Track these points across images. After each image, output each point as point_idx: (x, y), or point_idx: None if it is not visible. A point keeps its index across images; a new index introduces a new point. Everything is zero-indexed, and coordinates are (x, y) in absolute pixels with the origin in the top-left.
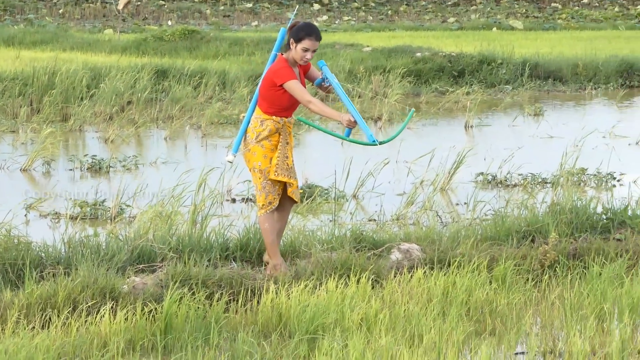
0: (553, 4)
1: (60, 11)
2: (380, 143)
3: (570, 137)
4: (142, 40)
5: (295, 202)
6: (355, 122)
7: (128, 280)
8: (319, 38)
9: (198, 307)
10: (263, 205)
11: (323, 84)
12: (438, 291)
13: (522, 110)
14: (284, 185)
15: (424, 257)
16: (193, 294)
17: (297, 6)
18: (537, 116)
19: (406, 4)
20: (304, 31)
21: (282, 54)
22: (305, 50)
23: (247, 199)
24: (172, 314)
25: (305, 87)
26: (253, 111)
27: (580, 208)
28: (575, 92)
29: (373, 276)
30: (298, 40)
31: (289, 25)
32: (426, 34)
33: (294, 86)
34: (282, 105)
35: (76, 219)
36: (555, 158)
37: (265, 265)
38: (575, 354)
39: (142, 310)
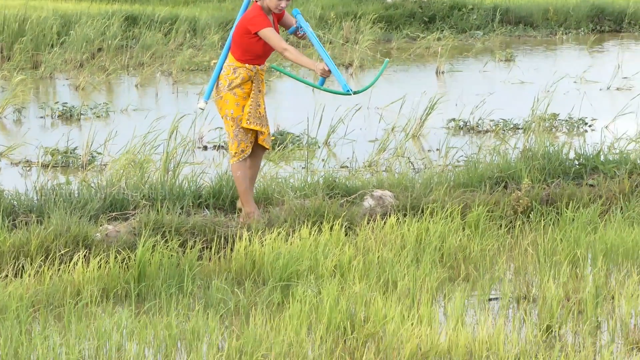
0: None
1: None
2: (355, 93)
3: (541, 82)
4: None
5: (267, 149)
6: (329, 71)
7: (101, 228)
8: None
9: (171, 255)
10: (236, 153)
11: (297, 32)
12: (411, 238)
13: (493, 56)
14: (256, 133)
15: (396, 204)
16: (166, 241)
17: None
18: (508, 62)
19: None
20: None
21: (256, 1)
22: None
23: (219, 146)
24: (145, 261)
25: (279, 34)
26: (225, 58)
27: (553, 154)
28: (546, 38)
29: (346, 223)
30: None
31: None
32: None
33: (269, 34)
34: (256, 53)
35: (48, 167)
36: (527, 104)
37: (239, 213)
38: (549, 299)
39: (115, 258)
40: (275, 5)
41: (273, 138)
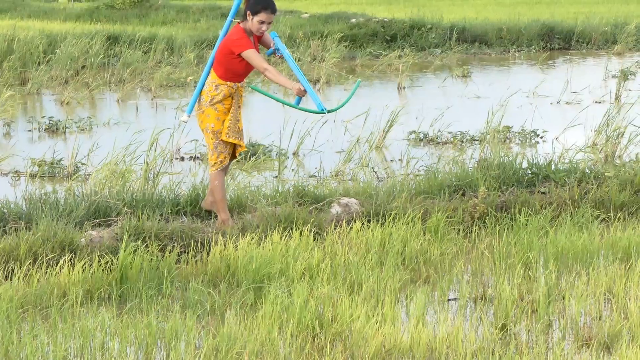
0: None
1: None
2: (329, 111)
3: (496, 96)
4: (95, 9)
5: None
6: (305, 90)
7: (85, 234)
8: (274, 11)
9: (151, 259)
10: (215, 163)
11: (274, 54)
12: (375, 242)
13: (450, 72)
14: (234, 146)
15: (362, 211)
16: (146, 246)
17: None
18: (464, 77)
19: None
20: (260, 5)
21: (239, 23)
22: (262, 22)
23: (195, 157)
24: (127, 265)
25: (259, 54)
26: (207, 75)
27: (507, 163)
28: (500, 55)
29: (315, 229)
30: (255, 13)
31: None
32: (360, 0)
33: (251, 55)
34: (238, 72)
35: (35, 177)
36: (483, 117)
37: (201, 211)
38: (504, 299)
39: (98, 262)
40: (257, 29)
41: (245, 149)
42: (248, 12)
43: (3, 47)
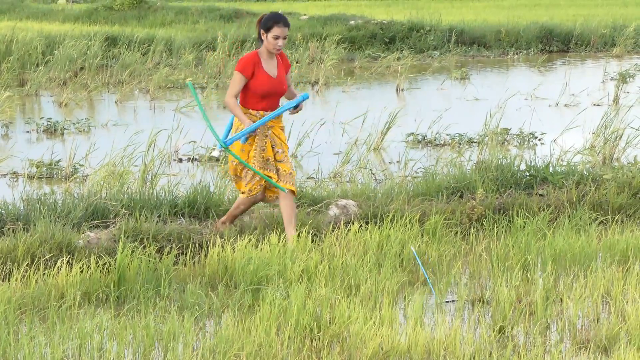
0: None
1: None
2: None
3: (494, 99)
4: (94, 10)
5: (292, 190)
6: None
7: (83, 235)
8: (287, 24)
9: (149, 260)
10: (243, 192)
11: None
12: (373, 244)
13: (449, 74)
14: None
15: (359, 213)
16: (144, 248)
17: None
18: (463, 80)
19: None
20: (272, 20)
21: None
22: (276, 37)
23: (194, 158)
24: (124, 266)
25: (283, 76)
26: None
27: (505, 166)
28: (498, 57)
29: (313, 230)
30: (268, 30)
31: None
32: (359, 3)
33: (234, 78)
34: (255, 95)
35: (33, 178)
36: (481, 119)
37: (215, 222)
38: (501, 301)
39: (96, 264)
40: (274, 45)
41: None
42: (262, 31)
43: (1, 48)
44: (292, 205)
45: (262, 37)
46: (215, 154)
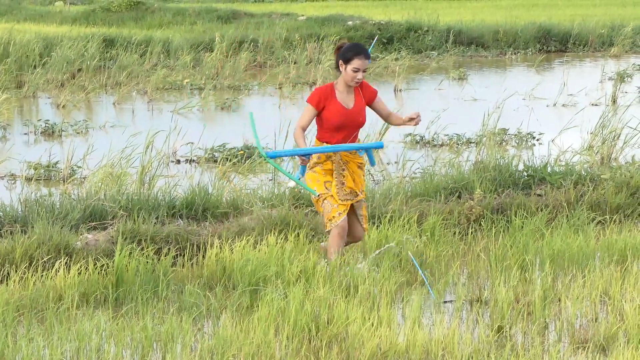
0: None
1: None
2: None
3: (492, 99)
4: (91, 12)
5: (364, 229)
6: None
7: (81, 237)
8: (368, 57)
9: (147, 262)
10: (328, 220)
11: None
12: (371, 244)
13: (447, 75)
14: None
15: None
16: (142, 249)
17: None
18: (461, 80)
19: None
20: (352, 51)
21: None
22: (356, 70)
23: (191, 160)
24: (122, 268)
25: (362, 108)
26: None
27: (503, 166)
28: (496, 57)
29: (310, 231)
30: (347, 61)
31: (337, 45)
32: (357, 3)
33: (305, 110)
34: (328, 128)
35: (31, 180)
36: (479, 119)
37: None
38: (500, 302)
39: (94, 265)
40: (352, 78)
41: (241, 152)
42: (340, 62)
43: None
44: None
45: (340, 68)
46: (292, 185)
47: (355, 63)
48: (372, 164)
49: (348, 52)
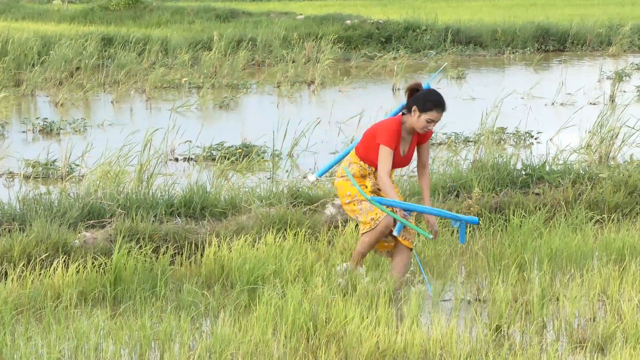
0: None
1: None
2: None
3: (490, 98)
4: (89, 10)
5: (410, 248)
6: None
7: (79, 235)
8: (445, 109)
9: (145, 260)
10: (366, 222)
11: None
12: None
13: (445, 74)
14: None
15: None
16: (140, 247)
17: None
18: (459, 79)
19: None
20: (432, 102)
21: (403, 113)
22: (430, 121)
23: (190, 158)
24: (120, 266)
25: (412, 153)
26: (349, 151)
27: (501, 164)
28: (494, 56)
29: (309, 230)
30: (424, 110)
31: (409, 85)
32: (355, 2)
33: (384, 153)
34: (375, 160)
35: (29, 178)
36: (477, 118)
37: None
38: (498, 300)
39: (92, 264)
40: (422, 127)
41: (239, 151)
42: (415, 107)
43: None
44: (407, 262)
45: (413, 113)
46: (312, 178)
47: (433, 115)
48: (462, 241)
49: (428, 102)
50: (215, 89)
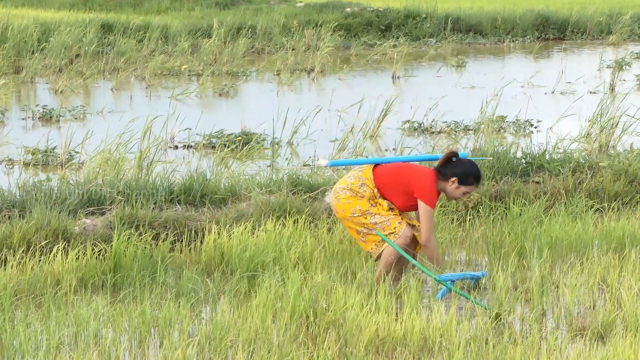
0: None
1: None
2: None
3: (490, 86)
4: None
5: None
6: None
7: (79, 222)
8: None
9: (145, 247)
10: (390, 233)
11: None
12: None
13: (445, 62)
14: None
15: None
16: (140, 234)
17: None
18: (459, 67)
19: None
20: (474, 177)
21: (434, 171)
22: (465, 193)
23: (189, 145)
24: (120, 253)
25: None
26: (367, 162)
27: (501, 153)
28: (494, 45)
29: (309, 217)
30: (463, 183)
31: (443, 156)
32: None
33: (428, 216)
34: (396, 200)
35: (29, 165)
36: (477, 106)
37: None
38: (498, 288)
39: (92, 250)
40: (456, 196)
41: (239, 138)
42: (454, 178)
43: None
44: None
45: (451, 182)
46: (323, 163)
47: (470, 189)
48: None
49: (469, 176)
50: (215, 77)
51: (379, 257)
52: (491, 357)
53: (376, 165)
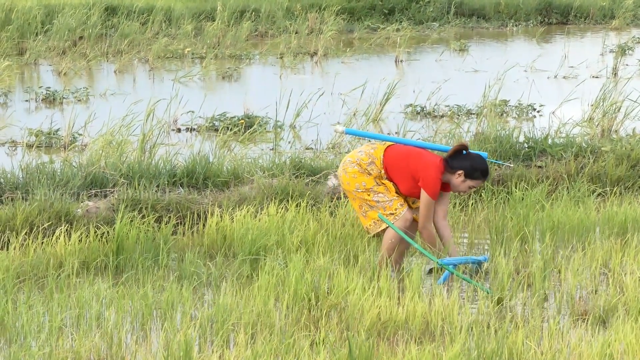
0: None
1: None
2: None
3: (493, 71)
4: None
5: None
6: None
7: (82, 204)
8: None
9: (148, 230)
10: (390, 213)
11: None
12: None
13: (448, 46)
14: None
15: None
16: (143, 217)
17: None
18: (462, 51)
19: None
20: (480, 172)
21: (442, 162)
22: (471, 188)
23: (192, 128)
24: (123, 236)
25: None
26: (381, 139)
27: (504, 137)
28: (497, 29)
29: (311, 201)
30: (470, 177)
31: (453, 148)
32: None
33: (428, 205)
34: (399, 182)
35: (32, 147)
36: (479, 90)
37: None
38: (500, 273)
39: (95, 233)
40: (461, 190)
41: (242, 121)
42: (461, 171)
43: (1, 17)
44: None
45: (457, 175)
46: (340, 129)
47: (476, 184)
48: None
49: (476, 170)
50: (218, 60)
51: (375, 235)
52: (493, 341)
53: (389, 145)
